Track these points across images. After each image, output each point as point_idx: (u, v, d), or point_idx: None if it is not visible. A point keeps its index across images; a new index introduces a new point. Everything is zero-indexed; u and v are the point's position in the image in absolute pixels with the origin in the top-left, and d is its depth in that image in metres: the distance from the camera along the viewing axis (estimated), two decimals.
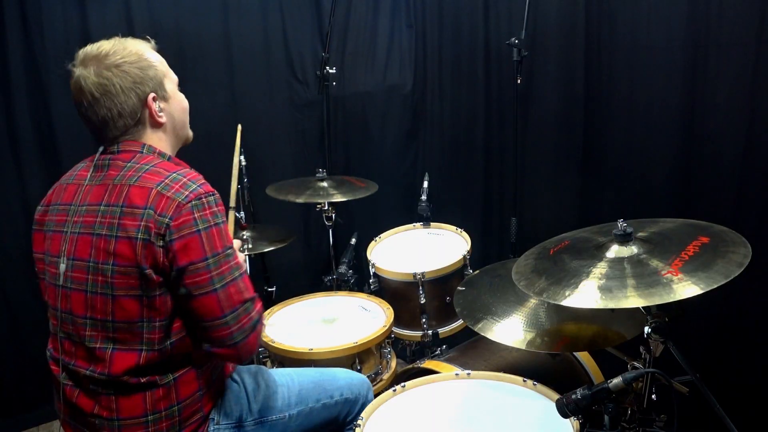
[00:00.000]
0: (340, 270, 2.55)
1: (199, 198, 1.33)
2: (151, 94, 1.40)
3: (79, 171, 1.48)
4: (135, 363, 1.36)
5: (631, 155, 2.42)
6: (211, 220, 1.34)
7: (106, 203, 1.36)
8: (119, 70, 1.36)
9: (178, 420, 1.42)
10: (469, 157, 3.16)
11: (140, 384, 1.37)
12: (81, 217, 1.38)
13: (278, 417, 1.61)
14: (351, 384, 1.75)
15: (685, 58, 2.18)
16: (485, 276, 2.01)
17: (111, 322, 1.36)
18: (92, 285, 1.35)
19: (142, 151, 1.41)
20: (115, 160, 1.40)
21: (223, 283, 1.34)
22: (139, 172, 1.37)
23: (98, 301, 1.35)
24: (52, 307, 1.45)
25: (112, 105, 1.36)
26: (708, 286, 1.25)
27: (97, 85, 1.35)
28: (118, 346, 1.37)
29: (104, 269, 1.33)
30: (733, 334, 2.19)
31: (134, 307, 1.34)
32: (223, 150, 2.95)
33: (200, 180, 1.38)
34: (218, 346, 1.37)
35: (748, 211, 2.08)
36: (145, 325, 1.35)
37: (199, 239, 1.32)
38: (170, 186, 1.34)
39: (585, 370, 1.98)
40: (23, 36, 2.55)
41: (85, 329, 1.38)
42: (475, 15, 2.97)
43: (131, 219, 1.32)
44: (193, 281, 1.32)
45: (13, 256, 2.65)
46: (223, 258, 1.35)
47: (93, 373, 1.38)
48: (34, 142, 2.65)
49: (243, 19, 3.01)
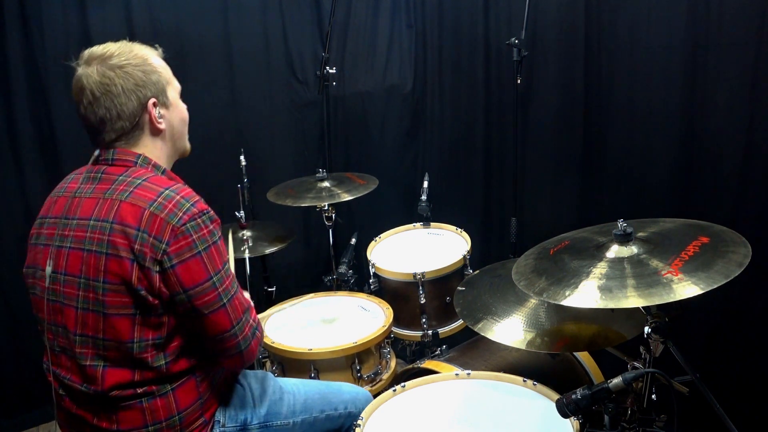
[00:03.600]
0: (340, 270, 2.54)
1: (194, 219, 1.32)
2: (152, 99, 1.39)
3: (69, 183, 1.46)
4: (129, 380, 1.35)
5: (631, 155, 2.42)
6: (209, 240, 1.34)
7: (96, 218, 1.34)
8: (122, 71, 1.36)
9: (179, 428, 1.42)
10: (469, 157, 3.16)
11: (137, 394, 1.37)
12: (72, 231, 1.37)
13: (283, 423, 1.61)
14: (356, 399, 1.75)
15: (685, 58, 2.18)
16: (485, 276, 2.01)
17: (102, 340, 1.34)
18: (83, 301, 1.34)
19: (136, 162, 1.39)
20: (108, 173, 1.39)
21: (228, 297, 1.36)
22: (131, 187, 1.35)
23: (90, 318, 1.34)
24: (46, 322, 1.43)
25: (111, 105, 1.35)
26: (708, 286, 1.25)
27: (98, 84, 1.34)
28: (109, 363, 1.35)
29: (95, 286, 1.32)
30: (733, 334, 2.19)
31: (126, 326, 1.32)
32: (223, 150, 2.98)
33: (194, 197, 1.36)
34: (225, 356, 1.41)
35: (748, 211, 2.08)
36: (136, 345, 1.33)
37: (200, 261, 1.32)
38: (163, 205, 1.31)
39: (585, 370, 1.98)
40: (23, 36, 2.55)
41: (76, 345, 1.37)
42: (475, 15, 2.97)
43: (122, 237, 1.30)
44: (203, 301, 1.33)
45: (13, 256, 2.65)
46: (224, 273, 1.37)
47: (87, 389, 1.37)
48: (34, 142, 2.64)
49: (243, 19, 3.01)
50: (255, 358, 1.48)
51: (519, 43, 2.42)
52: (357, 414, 1.70)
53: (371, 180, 2.70)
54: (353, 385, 1.86)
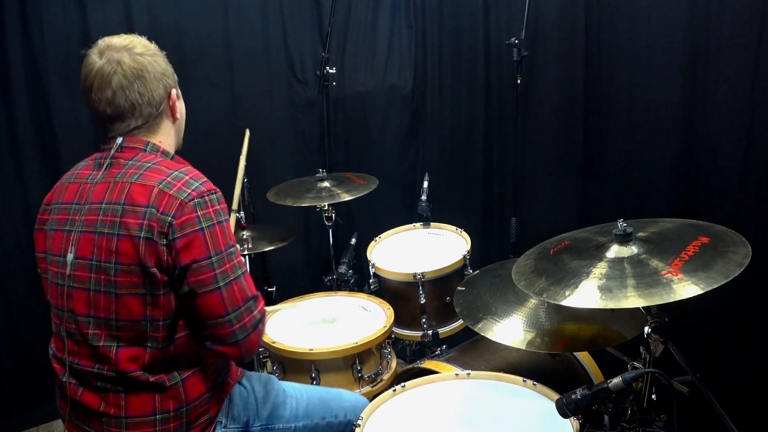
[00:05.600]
0: (340, 270, 2.55)
1: (202, 196, 1.34)
2: (174, 89, 1.46)
3: (80, 170, 1.47)
4: (141, 359, 1.36)
5: (631, 155, 2.42)
6: (214, 218, 1.35)
7: (108, 201, 1.36)
8: (152, 59, 1.40)
9: (185, 421, 1.42)
10: (469, 157, 3.16)
11: (149, 384, 1.38)
12: (83, 216, 1.38)
13: (284, 426, 1.62)
14: (356, 407, 1.75)
15: (685, 58, 2.18)
16: (485, 276, 2.01)
17: (114, 320, 1.36)
18: (95, 283, 1.36)
19: (145, 149, 1.42)
20: (117, 158, 1.41)
21: (226, 281, 1.35)
22: (141, 170, 1.37)
23: (101, 300, 1.36)
24: (54, 306, 1.45)
25: (144, 90, 1.38)
26: (708, 286, 1.25)
27: (133, 68, 1.36)
28: (123, 343, 1.37)
29: (107, 268, 1.34)
30: (733, 334, 2.19)
31: (137, 305, 1.34)
32: (223, 150, 2.97)
33: (202, 178, 1.39)
34: (220, 343, 1.38)
35: (748, 211, 2.08)
36: (149, 324, 1.35)
37: (202, 237, 1.32)
38: (172, 184, 1.34)
39: (585, 370, 1.98)
40: (23, 36, 2.55)
41: (88, 327, 1.38)
42: (475, 15, 2.97)
43: (133, 217, 1.32)
44: (197, 279, 1.32)
45: (13, 256, 2.66)
46: (226, 256, 1.36)
47: (100, 370, 1.38)
48: (34, 142, 2.65)
49: (243, 19, 3.01)
50: (255, 351, 1.46)
51: (519, 43, 2.42)
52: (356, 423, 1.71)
53: (371, 180, 2.70)
54: (353, 393, 1.86)
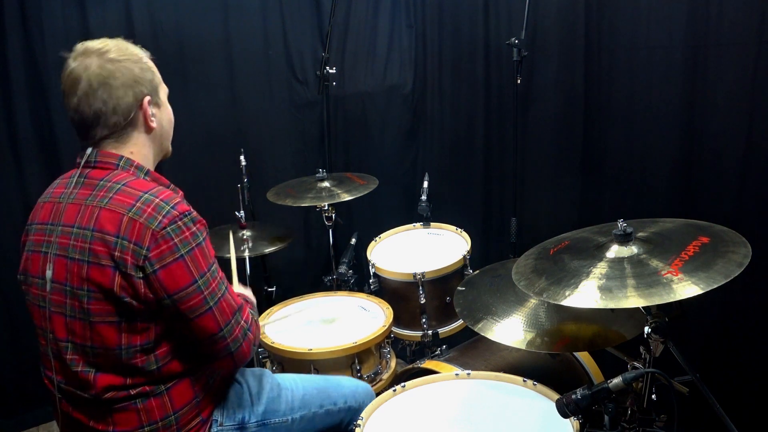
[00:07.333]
0: (340, 270, 2.54)
1: (175, 221, 1.30)
2: (147, 97, 1.39)
3: (55, 188, 1.45)
4: (122, 384, 1.35)
5: (631, 155, 2.42)
6: (191, 242, 1.32)
7: (79, 225, 1.33)
8: (121, 65, 1.36)
9: (175, 428, 1.42)
10: (469, 157, 3.16)
11: (130, 396, 1.36)
12: (57, 237, 1.36)
13: (281, 420, 1.61)
14: (355, 392, 1.75)
15: (685, 58, 2.18)
16: (485, 276, 2.01)
17: (90, 348, 1.34)
18: (71, 309, 1.34)
19: (118, 164, 1.38)
20: (90, 177, 1.38)
21: (215, 300, 1.35)
22: (111, 192, 1.34)
23: (77, 326, 1.34)
24: (38, 327, 1.43)
25: (108, 98, 1.34)
26: (708, 286, 1.25)
27: (98, 75, 1.33)
28: (101, 370, 1.35)
29: (80, 294, 1.32)
30: (733, 334, 2.19)
31: (112, 333, 1.32)
32: (223, 150, 2.98)
33: (174, 200, 1.34)
34: (215, 358, 1.40)
35: (748, 211, 2.08)
36: (124, 352, 1.33)
37: (183, 264, 1.30)
38: (142, 210, 1.30)
39: (585, 370, 1.98)
40: (23, 36, 2.55)
41: (66, 352, 1.36)
42: (475, 15, 2.97)
43: (102, 245, 1.29)
44: (189, 306, 1.31)
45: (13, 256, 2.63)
46: (210, 276, 1.35)
47: (83, 393, 1.37)
48: (34, 142, 2.65)
49: (243, 19, 3.01)
50: (248, 358, 1.46)
51: (519, 43, 2.41)
52: (357, 408, 1.70)
53: (371, 180, 2.70)
54: (353, 379, 1.85)
